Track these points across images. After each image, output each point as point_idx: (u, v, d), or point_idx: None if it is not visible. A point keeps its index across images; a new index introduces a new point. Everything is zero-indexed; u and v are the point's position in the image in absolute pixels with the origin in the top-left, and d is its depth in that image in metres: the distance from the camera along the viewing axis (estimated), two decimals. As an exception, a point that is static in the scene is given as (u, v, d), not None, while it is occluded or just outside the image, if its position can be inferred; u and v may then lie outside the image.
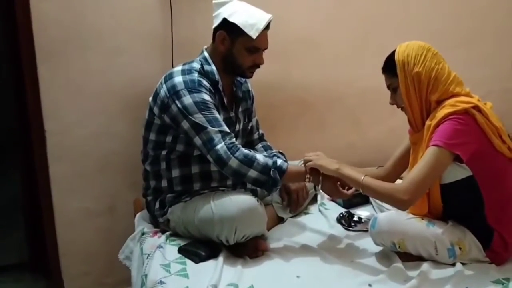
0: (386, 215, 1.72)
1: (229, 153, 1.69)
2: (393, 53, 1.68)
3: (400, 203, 1.57)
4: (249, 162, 1.70)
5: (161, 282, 1.52)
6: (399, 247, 1.65)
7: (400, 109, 1.74)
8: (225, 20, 1.78)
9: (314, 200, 2.14)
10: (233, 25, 1.76)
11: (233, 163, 1.69)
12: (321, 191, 2.00)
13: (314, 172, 1.72)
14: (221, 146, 1.70)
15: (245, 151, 1.73)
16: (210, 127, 1.72)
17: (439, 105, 1.62)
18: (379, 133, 2.55)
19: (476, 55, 2.68)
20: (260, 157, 1.74)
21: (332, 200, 2.15)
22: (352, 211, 2.01)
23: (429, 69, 1.62)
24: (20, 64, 2.14)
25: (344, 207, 2.08)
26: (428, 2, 2.55)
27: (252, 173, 1.70)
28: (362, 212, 1.98)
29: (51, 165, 2.20)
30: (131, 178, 2.22)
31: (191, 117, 1.73)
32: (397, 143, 1.99)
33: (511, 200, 1.66)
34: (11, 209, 3.10)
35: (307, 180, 1.74)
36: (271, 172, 1.71)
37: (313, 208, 2.09)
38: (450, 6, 2.59)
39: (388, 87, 1.73)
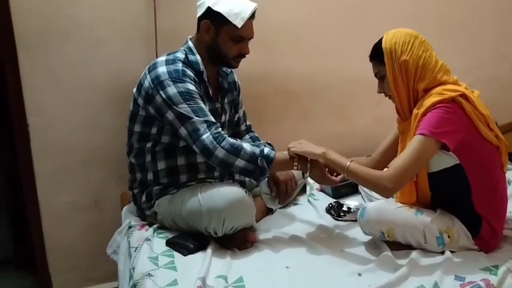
0: (375, 204, 1.72)
1: (215, 142, 1.67)
2: (380, 41, 1.67)
3: (384, 190, 1.56)
4: (236, 151, 1.68)
5: (149, 275, 1.49)
6: (388, 236, 1.65)
7: (387, 97, 1.73)
8: (209, 9, 1.75)
9: (303, 190, 2.13)
10: (218, 14, 1.73)
11: (220, 152, 1.67)
12: (309, 178, 1.98)
13: (302, 159, 1.70)
14: (206, 136, 1.68)
15: (232, 140, 1.70)
16: (195, 117, 1.69)
17: (426, 93, 1.61)
18: (365, 123, 2.56)
19: (463, 43, 2.68)
20: (247, 146, 1.72)
21: (321, 190, 2.15)
22: (341, 201, 2.00)
23: (416, 57, 1.61)
24: (0, 59, 2.08)
25: (333, 197, 2.08)
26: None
27: (239, 162, 1.68)
28: (351, 202, 1.97)
29: (35, 160, 2.15)
30: (117, 171, 2.20)
31: (175, 108, 1.70)
32: (384, 132, 1.98)
33: (499, 188, 1.67)
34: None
35: (295, 167, 1.72)
36: (259, 160, 1.69)
37: (302, 199, 2.09)
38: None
39: (376, 75, 1.71)
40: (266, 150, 1.72)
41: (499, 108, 2.60)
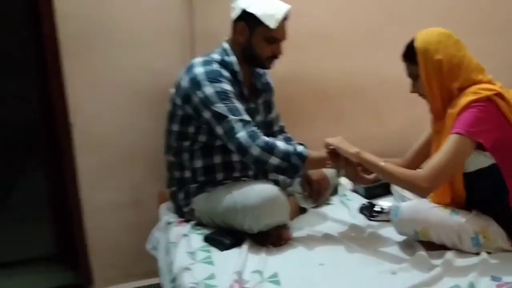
0: (409, 204, 1.72)
1: (250, 140, 1.71)
2: (412, 41, 1.67)
3: (419, 190, 1.57)
4: (270, 149, 1.72)
5: (187, 269, 1.55)
6: (422, 235, 1.65)
7: (421, 97, 1.74)
8: (244, 11, 1.80)
9: (335, 191, 2.14)
10: (252, 15, 1.78)
11: (254, 150, 1.71)
12: (342, 179, 2.00)
13: (336, 157, 1.73)
14: (242, 134, 1.72)
15: (266, 138, 1.74)
16: (231, 116, 1.74)
17: (461, 93, 1.61)
18: (400, 124, 2.55)
19: (498, 44, 2.65)
20: (281, 144, 1.75)
21: (353, 191, 2.16)
22: (374, 201, 2.01)
23: (450, 56, 1.61)
24: (45, 60, 2.17)
25: (366, 198, 2.09)
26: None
27: (274, 160, 1.71)
28: (384, 203, 1.98)
29: (78, 158, 2.23)
30: (155, 170, 2.25)
31: (212, 107, 1.75)
32: (419, 134, 1.98)
33: None
34: (39, 203, 3.18)
35: (328, 166, 1.75)
36: (293, 158, 1.72)
37: (335, 199, 2.11)
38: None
39: (409, 75, 1.72)
40: (300, 148, 1.76)
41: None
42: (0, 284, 2.60)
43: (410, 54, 1.67)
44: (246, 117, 1.77)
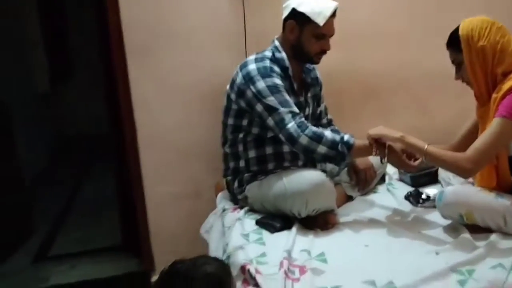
0: (454, 188, 1.77)
1: (299, 130, 1.82)
2: (457, 28, 1.73)
3: (463, 171, 1.62)
4: (318, 138, 1.82)
5: (241, 248, 1.68)
6: (466, 219, 1.70)
7: (465, 84, 1.78)
8: (294, 10, 1.92)
9: (382, 180, 2.21)
10: (302, 14, 1.90)
11: (303, 140, 1.82)
12: (388, 168, 2.06)
13: (380, 145, 1.80)
14: (291, 125, 1.84)
15: (314, 128, 1.85)
16: (281, 108, 1.86)
17: (505, 78, 1.65)
18: (446, 117, 2.56)
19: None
20: (328, 133, 1.85)
21: (400, 180, 2.22)
22: (420, 189, 2.05)
23: (494, 42, 1.65)
24: (112, 63, 2.40)
25: (412, 186, 2.13)
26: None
27: (321, 148, 1.82)
28: (430, 190, 2.02)
29: (142, 154, 2.42)
30: (212, 163, 2.39)
31: (264, 100, 1.88)
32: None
33: None
34: (107, 199, 3.45)
35: (373, 153, 1.82)
36: (339, 146, 1.81)
37: (381, 188, 2.17)
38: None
39: (453, 62, 1.77)
40: (346, 137, 1.85)
41: None
42: (70, 273, 2.83)
43: (454, 41, 1.73)
44: (295, 109, 1.89)
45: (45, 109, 4.76)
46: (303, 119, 1.88)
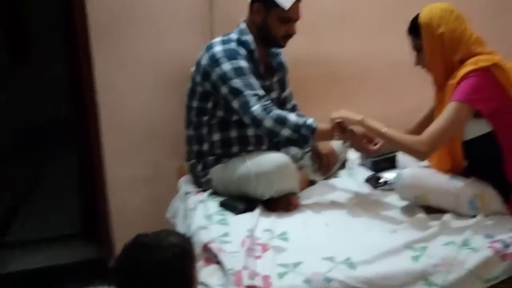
0: (411, 171, 1.84)
1: (264, 113, 1.85)
2: (417, 15, 1.80)
3: (418, 153, 1.69)
4: (282, 121, 1.85)
5: (204, 227, 1.70)
6: (422, 200, 1.77)
7: (425, 70, 1.85)
8: None
9: (343, 165, 2.26)
10: None
11: (267, 122, 1.85)
12: (348, 148, 2.12)
13: (342, 129, 1.85)
14: (256, 108, 1.86)
15: (278, 111, 1.88)
16: (246, 91, 1.88)
17: (461, 65, 1.72)
18: (408, 104, 2.63)
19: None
20: (292, 116, 1.89)
21: (361, 165, 2.28)
22: (379, 174, 2.12)
23: (451, 30, 1.73)
24: (76, 44, 2.35)
25: (372, 170, 2.19)
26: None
27: (285, 131, 1.85)
28: (388, 175, 2.07)
29: (104, 137, 2.39)
30: (175, 147, 2.38)
31: (229, 82, 1.90)
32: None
33: None
34: (67, 183, 3.38)
35: (335, 137, 1.87)
36: (302, 129, 1.85)
37: (343, 172, 2.22)
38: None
39: (413, 48, 1.84)
40: (309, 120, 1.89)
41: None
42: (27, 259, 2.77)
43: (414, 28, 1.80)
44: (261, 92, 1.91)
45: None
46: (268, 102, 1.90)
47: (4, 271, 2.67)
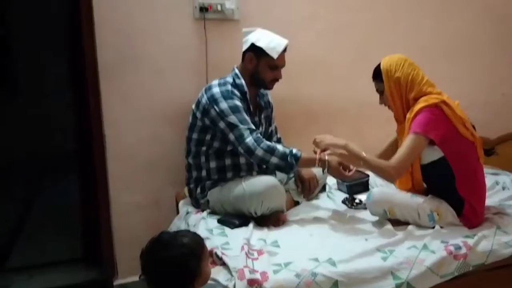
0: (379, 189, 2.20)
1: (256, 144, 2.17)
2: (379, 64, 2.19)
3: (389, 176, 2.03)
4: (271, 150, 2.17)
5: (207, 238, 1.98)
6: (389, 213, 2.10)
7: (387, 108, 2.23)
8: (252, 45, 2.29)
9: (323, 189, 2.60)
10: (259, 48, 2.27)
11: (259, 152, 2.16)
12: (327, 173, 2.45)
13: (322, 159, 2.17)
14: (249, 140, 2.17)
15: (268, 142, 2.20)
16: (241, 125, 2.20)
17: (415, 102, 2.10)
18: (377, 139, 3.00)
19: (461, 69, 3.19)
20: (280, 147, 2.21)
21: (338, 189, 2.61)
22: (355, 196, 2.46)
23: (406, 74, 2.11)
24: (86, 82, 2.60)
25: (348, 194, 2.52)
26: (414, 24, 3.08)
27: (274, 159, 2.17)
28: (362, 197, 2.42)
29: (109, 165, 2.65)
30: (174, 175, 2.67)
31: (226, 118, 2.21)
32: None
33: (477, 175, 2.12)
34: (70, 208, 3.57)
35: (316, 165, 2.19)
36: (289, 158, 2.17)
37: (323, 195, 2.56)
38: (433, 25, 3.12)
39: (377, 90, 2.22)
40: (294, 150, 2.22)
41: (492, 128, 3.11)
42: (28, 283, 2.92)
43: (377, 74, 2.19)
44: (252, 126, 2.23)
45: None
46: (259, 134, 2.22)
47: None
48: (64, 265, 3.11)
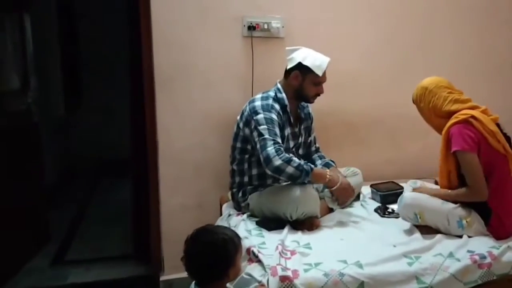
0: (411, 194, 2.29)
1: (275, 154, 2.29)
2: None
3: (479, 198, 2.17)
4: (288, 161, 2.29)
5: (246, 237, 2.16)
6: (420, 218, 2.19)
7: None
8: (299, 63, 2.46)
9: (357, 198, 2.71)
10: (305, 66, 2.44)
11: (277, 161, 2.27)
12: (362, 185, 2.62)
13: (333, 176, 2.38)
14: (270, 149, 2.30)
15: (286, 154, 2.32)
16: (267, 136, 2.33)
17: (449, 118, 2.24)
18: (415, 151, 3.11)
19: (501, 87, 3.26)
20: (295, 158, 2.34)
21: (372, 198, 2.73)
22: (387, 206, 2.57)
23: (427, 103, 2.31)
24: (142, 94, 2.86)
25: (381, 203, 2.65)
26: (456, 41, 3.18)
27: (289, 169, 2.28)
28: (395, 206, 2.52)
29: (161, 169, 2.87)
30: (218, 179, 2.87)
31: (258, 127, 2.37)
32: (429, 157, 2.57)
33: (505, 187, 2.19)
34: (118, 212, 3.86)
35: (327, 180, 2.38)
36: (303, 169, 2.30)
37: (356, 204, 2.67)
38: (477, 42, 3.20)
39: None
40: (306, 165, 2.35)
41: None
42: (85, 274, 3.21)
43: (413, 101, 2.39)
44: (278, 139, 2.36)
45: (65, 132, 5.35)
46: (281, 147, 2.34)
47: (65, 283, 3.10)
48: (116, 261, 3.40)
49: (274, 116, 2.41)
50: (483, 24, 3.25)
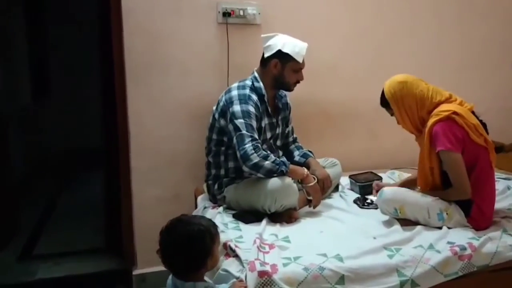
0: (391, 188, 2.25)
1: (253, 151, 2.22)
2: (383, 92, 2.27)
3: (461, 196, 2.14)
4: (265, 156, 2.24)
5: (222, 231, 2.08)
6: (400, 212, 2.17)
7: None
8: (279, 51, 2.38)
9: (336, 189, 2.68)
10: (285, 54, 2.37)
11: (254, 158, 2.22)
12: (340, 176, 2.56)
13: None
14: (248, 146, 2.24)
15: (264, 152, 2.26)
16: (245, 132, 2.27)
17: (429, 115, 2.17)
18: (391, 142, 3.08)
19: (478, 77, 3.25)
20: (272, 155, 2.29)
21: (350, 189, 2.69)
22: (366, 196, 2.54)
23: (413, 96, 2.19)
24: (113, 83, 2.77)
25: (360, 194, 2.61)
26: (434, 32, 3.15)
27: (268, 164, 2.23)
28: (373, 197, 2.51)
29: (132, 161, 2.78)
30: (193, 171, 2.80)
31: (235, 120, 2.30)
32: (407, 150, 2.54)
33: (487, 180, 2.18)
34: (90, 204, 3.74)
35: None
36: (280, 163, 2.26)
37: (335, 195, 2.64)
38: (455, 34, 3.19)
39: (390, 114, 2.32)
40: (283, 159, 2.34)
41: (508, 133, 3.15)
42: (54, 269, 3.10)
43: (384, 102, 2.28)
44: (255, 135, 2.29)
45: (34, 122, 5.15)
46: (259, 144, 2.28)
47: (32, 279, 3.00)
48: (87, 255, 3.31)
49: (251, 108, 2.34)
50: (462, 15, 3.23)
